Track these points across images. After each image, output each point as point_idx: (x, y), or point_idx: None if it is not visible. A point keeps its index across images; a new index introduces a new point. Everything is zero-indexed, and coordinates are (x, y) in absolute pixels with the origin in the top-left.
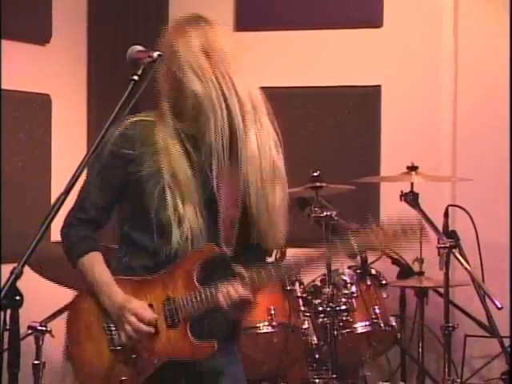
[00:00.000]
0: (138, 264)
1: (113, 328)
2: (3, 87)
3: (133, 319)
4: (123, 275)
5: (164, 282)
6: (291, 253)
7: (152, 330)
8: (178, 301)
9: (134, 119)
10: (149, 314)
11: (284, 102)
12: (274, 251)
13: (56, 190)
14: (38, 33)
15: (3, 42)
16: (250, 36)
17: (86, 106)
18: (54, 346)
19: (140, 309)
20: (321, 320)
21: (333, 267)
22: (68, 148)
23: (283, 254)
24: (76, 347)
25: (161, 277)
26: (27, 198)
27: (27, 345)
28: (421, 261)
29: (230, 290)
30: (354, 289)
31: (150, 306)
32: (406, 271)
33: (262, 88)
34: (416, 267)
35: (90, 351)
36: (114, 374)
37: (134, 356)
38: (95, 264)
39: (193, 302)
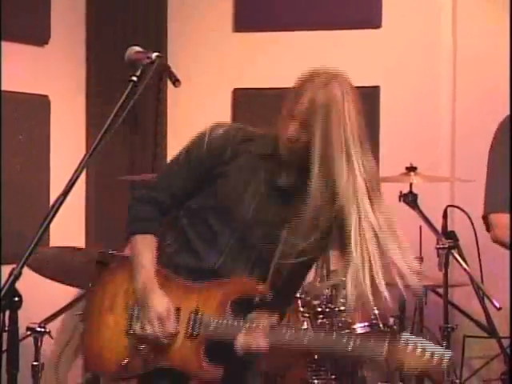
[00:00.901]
0: (181, 261)
1: (135, 312)
2: (2, 88)
3: (155, 323)
4: (162, 266)
5: (200, 293)
6: None
7: (167, 342)
8: (205, 317)
9: (241, 127)
10: (172, 326)
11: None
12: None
13: (55, 191)
14: (37, 34)
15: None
16: (249, 37)
17: (84, 107)
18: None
19: (166, 316)
20: (320, 321)
21: (332, 268)
22: (67, 149)
23: None
24: (94, 313)
25: (199, 287)
26: (26, 199)
27: (26, 346)
28: (420, 261)
29: (249, 338)
30: None
31: (178, 309)
32: None
33: (261, 89)
34: None
35: (106, 322)
36: (119, 351)
37: (142, 347)
38: (145, 247)
39: (217, 326)
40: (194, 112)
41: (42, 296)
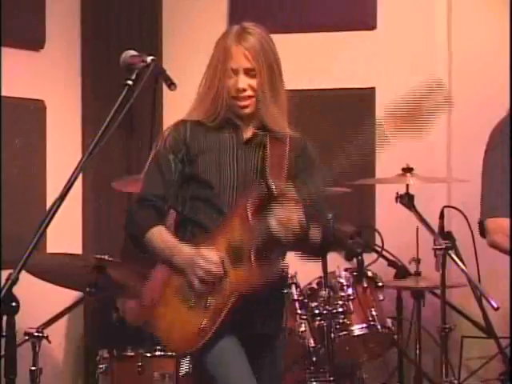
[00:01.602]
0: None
1: (188, 288)
2: None
3: (202, 263)
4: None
5: (223, 230)
6: (288, 255)
7: (221, 270)
8: (238, 241)
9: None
10: (215, 255)
11: None
12: None
13: (51, 195)
14: (32, 39)
15: None
16: None
17: (80, 111)
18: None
19: (207, 252)
20: (317, 323)
21: (329, 269)
22: (63, 153)
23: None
24: (157, 311)
25: (219, 228)
26: (23, 203)
27: (24, 351)
28: (417, 262)
29: (280, 214)
30: (350, 291)
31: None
32: (402, 273)
33: None
34: (412, 268)
35: (172, 306)
36: (194, 324)
37: (210, 298)
38: (163, 234)
39: (252, 235)
40: None
41: (39, 301)
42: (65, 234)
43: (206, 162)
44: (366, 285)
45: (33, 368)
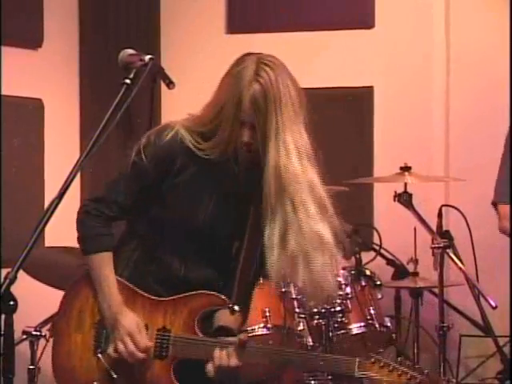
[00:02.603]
0: (146, 270)
1: (104, 333)
2: None
3: (127, 340)
4: (129, 273)
5: (166, 309)
6: None
7: (143, 356)
8: (172, 336)
9: (183, 133)
10: (144, 340)
11: None
12: None
13: (49, 195)
14: (30, 37)
15: None
16: (242, 38)
17: (78, 110)
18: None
19: (136, 331)
20: (316, 321)
21: None
22: (61, 152)
23: None
24: (63, 332)
25: (165, 302)
26: (21, 203)
27: (22, 350)
28: (415, 261)
29: (223, 356)
30: (348, 290)
31: (145, 326)
32: (400, 272)
33: None
34: (410, 266)
35: (75, 341)
36: (90, 371)
37: (112, 369)
38: (104, 266)
39: (186, 345)
40: None
41: (37, 300)
42: (62, 234)
43: (185, 196)
44: (364, 283)
45: (31, 367)
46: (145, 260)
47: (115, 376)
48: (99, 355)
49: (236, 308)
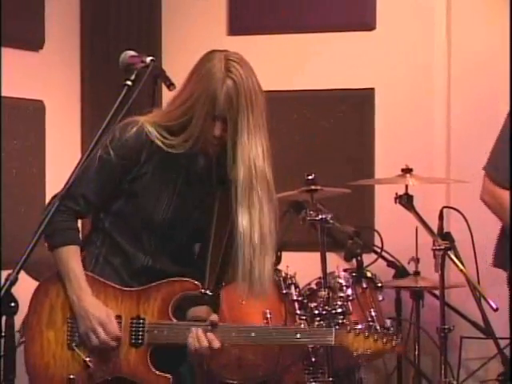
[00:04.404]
0: (114, 263)
1: (75, 326)
2: None
3: (99, 330)
4: (100, 268)
5: (139, 298)
6: (288, 256)
7: (116, 344)
8: (147, 323)
9: (149, 128)
10: (115, 329)
11: (278, 106)
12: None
13: (50, 196)
14: (31, 39)
15: None
16: (243, 40)
17: (79, 111)
18: None
19: (106, 320)
20: (317, 323)
21: (328, 270)
22: (62, 154)
23: (278, 259)
24: (34, 330)
25: (138, 292)
26: (21, 204)
27: (23, 351)
28: (416, 260)
29: (201, 335)
30: (349, 292)
31: (119, 316)
32: (401, 273)
33: None
34: (411, 268)
35: (47, 338)
36: (64, 367)
37: (88, 359)
38: (70, 258)
39: (162, 332)
40: None
41: None
42: None
43: (148, 189)
44: (365, 285)
45: None
46: (112, 254)
47: (92, 366)
48: (74, 347)
49: (209, 293)
